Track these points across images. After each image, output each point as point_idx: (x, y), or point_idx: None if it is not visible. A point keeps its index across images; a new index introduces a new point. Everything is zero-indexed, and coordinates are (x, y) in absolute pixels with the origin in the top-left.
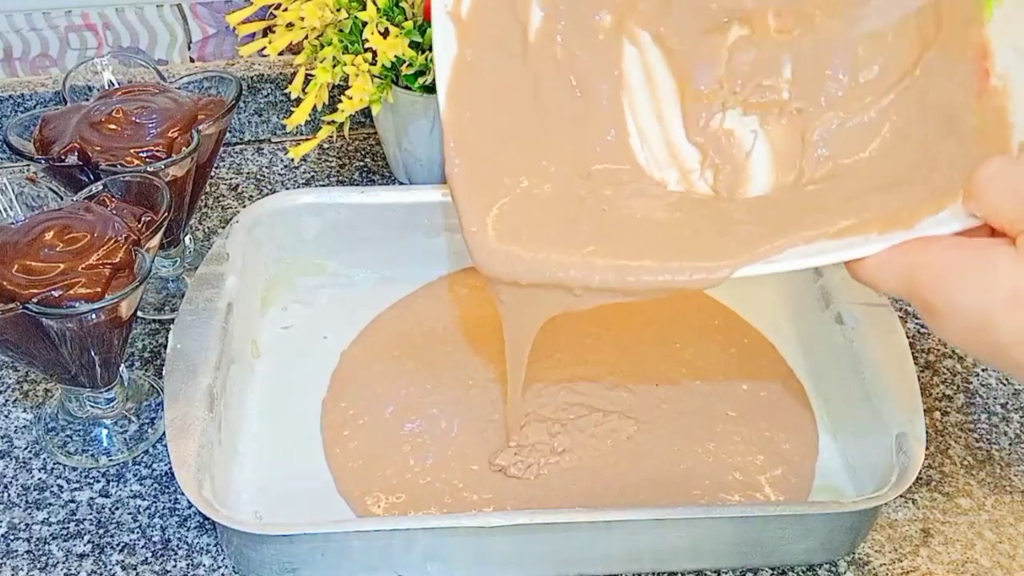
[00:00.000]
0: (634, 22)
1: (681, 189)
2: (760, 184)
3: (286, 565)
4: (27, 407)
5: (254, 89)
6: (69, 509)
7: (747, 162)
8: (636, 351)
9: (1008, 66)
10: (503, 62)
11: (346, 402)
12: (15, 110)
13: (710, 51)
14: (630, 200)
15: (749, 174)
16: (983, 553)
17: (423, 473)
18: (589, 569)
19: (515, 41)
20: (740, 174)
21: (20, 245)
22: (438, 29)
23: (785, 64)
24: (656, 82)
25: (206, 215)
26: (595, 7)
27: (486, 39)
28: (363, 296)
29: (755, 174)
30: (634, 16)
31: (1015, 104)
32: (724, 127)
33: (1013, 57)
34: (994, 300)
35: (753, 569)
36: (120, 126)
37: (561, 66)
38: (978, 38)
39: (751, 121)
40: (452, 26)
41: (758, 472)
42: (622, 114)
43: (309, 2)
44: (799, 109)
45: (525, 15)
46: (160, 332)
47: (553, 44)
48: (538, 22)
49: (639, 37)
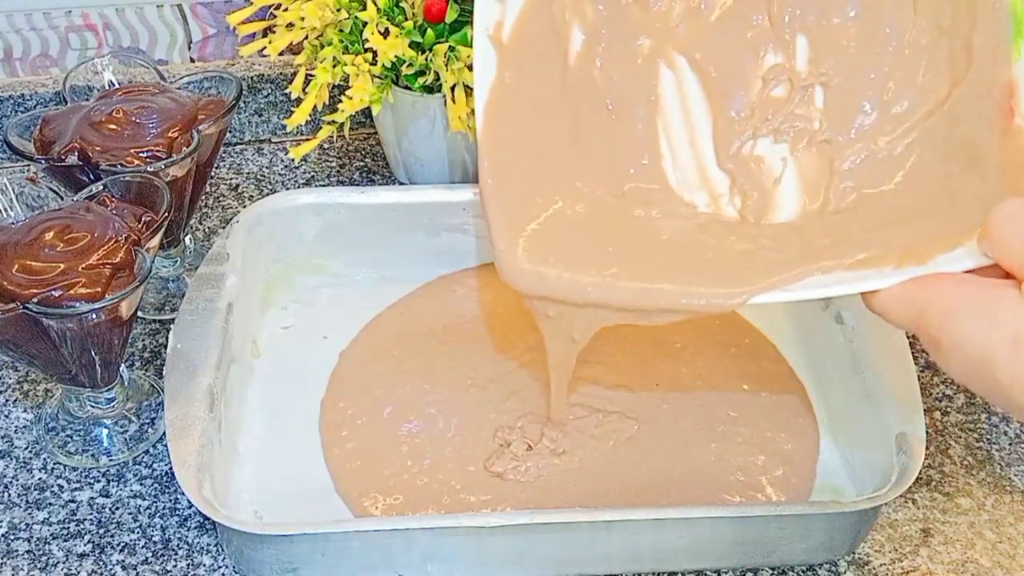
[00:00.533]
0: (672, 47)
1: (710, 211)
2: (787, 211)
3: (286, 565)
4: (27, 407)
5: (254, 89)
6: (69, 509)
7: (775, 189)
8: (637, 351)
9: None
10: (542, 84)
11: (344, 402)
12: (15, 110)
13: (745, 79)
14: (659, 221)
15: (776, 200)
16: (983, 553)
17: (421, 474)
18: (589, 569)
19: (555, 64)
20: (768, 200)
21: (20, 245)
22: (479, 53)
23: (817, 94)
24: (690, 107)
25: (206, 215)
26: (635, 32)
27: (526, 62)
28: (363, 296)
29: (782, 201)
30: (672, 41)
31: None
32: (754, 153)
33: None
34: (996, 341)
35: (753, 569)
36: (120, 126)
37: (599, 89)
38: (1006, 76)
39: (781, 149)
40: (493, 50)
41: (759, 472)
42: (657, 137)
43: (309, 2)
44: (828, 140)
45: (566, 39)
46: (160, 332)
47: (592, 67)
48: (578, 45)
49: (676, 62)
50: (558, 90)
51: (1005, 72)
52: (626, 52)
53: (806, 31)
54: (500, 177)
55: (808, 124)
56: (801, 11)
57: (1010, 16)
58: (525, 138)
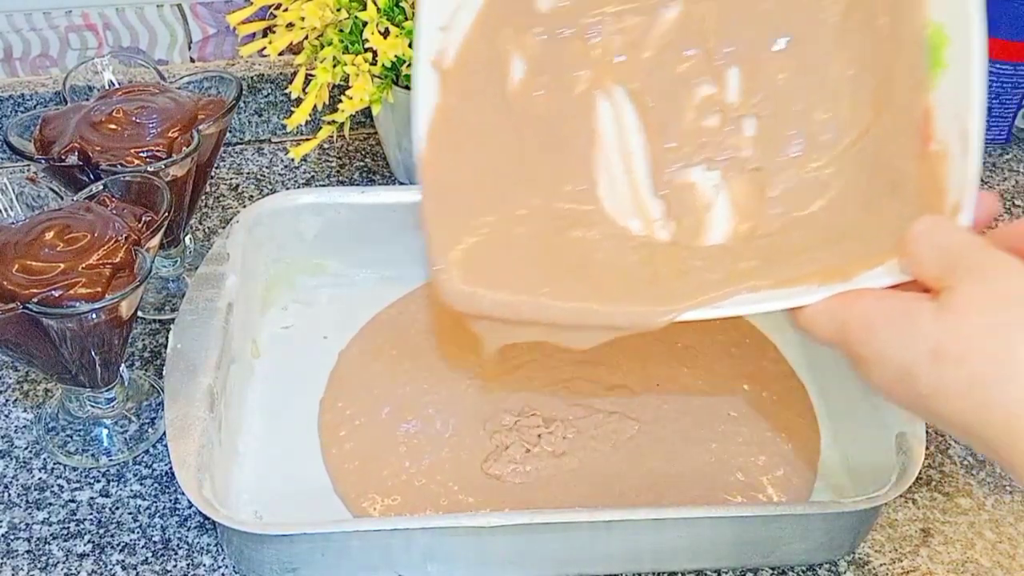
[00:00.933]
0: (610, 79)
1: (644, 235)
2: (718, 233)
3: (286, 565)
4: (27, 407)
5: (254, 89)
6: (69, 509)
7: (707, 214)
8: (637, 351)
9: (947, 130)
10: (484, 111)
11: (343, 402)
12: (15, 110)
13: (679, 109)
14: (594, 243)
15: (708, 224)
16: (983, 553)
17: (419, 475)
18: (589, 569)
19: (497, 91)
20: (700, 224)
21: (20, 245)
22: (421, 79)
23: (749, 124)
24: (627, 136)
25: (206, 215)
26: (575, 63)
27: (469, 89)
28: (363, 296)
29: (714, 224)
30: (611, 73)
31: (950, 168)
32: (688, 180)
33: (952, 122)
34: (915, 353)
35: (753, 569)
36: (120, 126)
37: (539, 117)
38: (924, 103)
39: (714, 176)
40: (435, 76)
41: (760, 473)
42: (594, 165)
43: (309, 2)
44: (759, 167)
45: (508, 68)
46: (160, 332)
47: (533, 97)
48: (520, 75)
49: (614, 93)
50: (500, 117)
51: (923, 100)
52: (566, 83)
53: (739, 63)
54: (440, 198)
55: (739, 152)
56: (734, 45)
57: (927, 47)
58: (466, 162)
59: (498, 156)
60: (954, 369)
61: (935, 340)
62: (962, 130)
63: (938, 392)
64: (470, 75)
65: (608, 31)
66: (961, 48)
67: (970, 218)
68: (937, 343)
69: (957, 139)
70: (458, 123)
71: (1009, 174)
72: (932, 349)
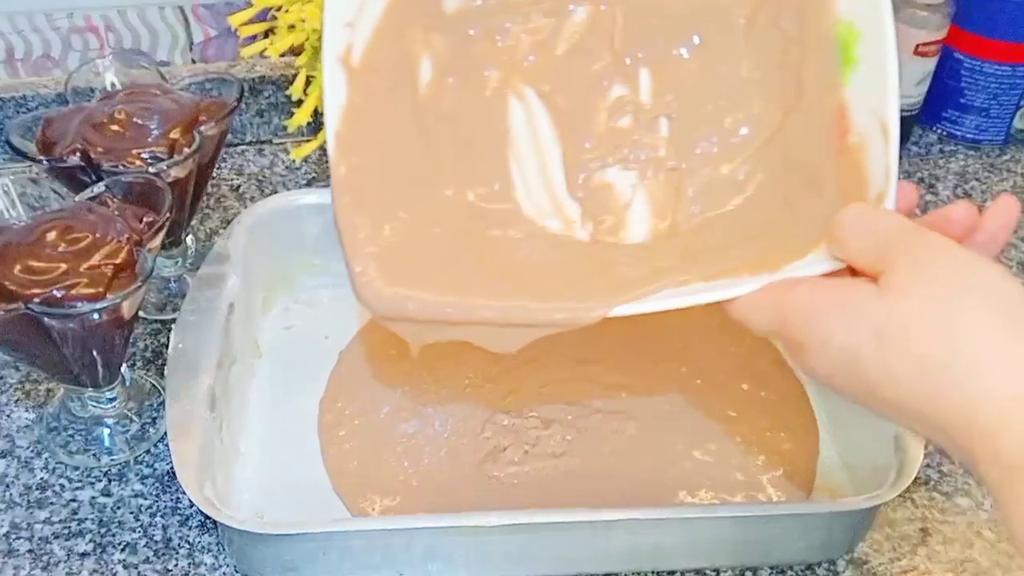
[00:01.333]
0: (520, 79)
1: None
2: (638, 232)
3: (287, 564)
4: (29, 407)
5: (256, 90)
6: (71, 508)
7: (626, 213)
8: (636, 351)
9: (864, 124)
10: (393, 111)
11: (342, 402)
12: (17, 111)
13: (592, 110)
14: (515, 241)
15: (627, 223)
16: (981, 552)
17: (417, 475)
18: (589, 569)
19: (405, 91)
20: (619, 224)
21: (22, 245)
22: (328, 73)
23: (662, 124)
24: (540, 137)
25: (208, 216)
26: (483, 63)
27: (376, 88)
28: None
29: (633, 223)
30: (520, 74)
31: (871, 158)
32: (604, 181)
33: (869, 115)
34: (859, 335)
35: (752, 568)
36: (122, 127)
37: (450, 118)
38: (837, 100)
39: (630, 176)
40: (343, 72)
41: (760, 472)
42: (507, 166)
43: (310, 3)
44: (674, 167)
45: (415, 68)
46: (162, 332)
47: (442, 97)
48: (428, 75)
49: (525, 93)
50: (410, 117)
51: (836, 97)
52: (475, 83)
53: (648, 65)
54: (353, 200)
55: (654, 152)
56: (642, 48)
57: (837, 45)
58: (378, 162)
59: (409, 156)
60: (901, 351)
61: (879, 323)
62: (881, 122)
63: (886, 376)
64: (378, 74)
65: (516, 31)
66: (873, 41)
67: (893, 206)
68: (881, 325)
69: (876, 131)
70: (368, 122)
71: (1008, 174)
72: (877, 332)
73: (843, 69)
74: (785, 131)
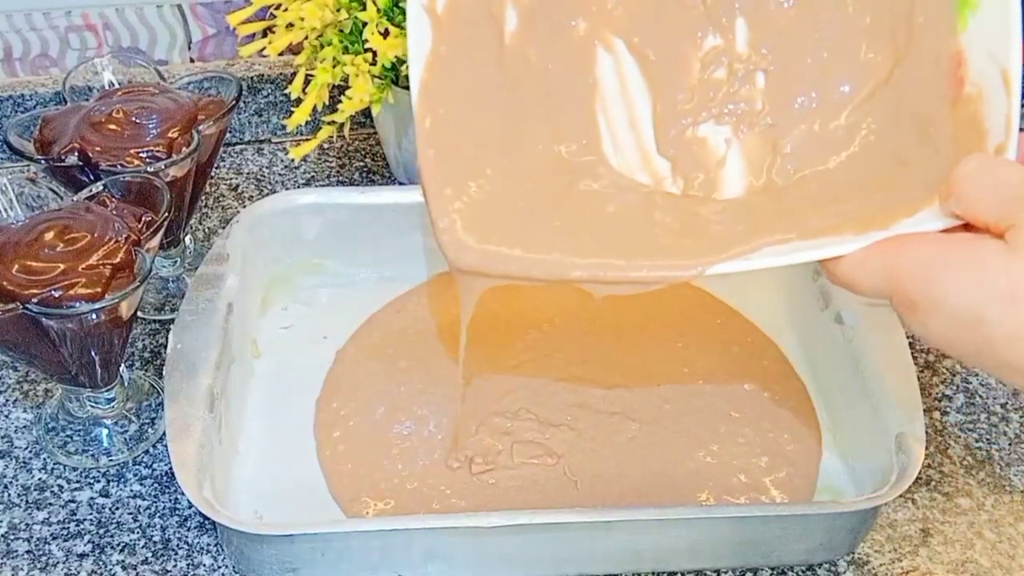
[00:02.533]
0: (609, 30)
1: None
2: (732, 190)
3: (286, 565)
4: (27, 407)
5: (254, 89)
6: (69, 509)
7: (719, 170)
8: (637, 350)
9: (983, 72)
10: (478, 61)
11: (338, 402)
12: (15, 110)
13: (684, 62)
14: (604, 194)
15: (721, 181)
16: (983, 553)
17: (411, 478)
18: (589, 569)
19: (490, 41)
20: (712, 181)
21: (20, 245)
22: (412, 22)
23: (758, 76)
24: (630, 90)
25: (206, 215)
26: (570, 13)
27: (461, 38)
28: (363, 296)
29: (727, 181)
30: (609, 24)
31: (989, 109)
32: (697, 136)
33: (987, 63)
34: (986, 295)
35: (753, 569)
36: (120, 126)
37: (535, 69)
38: (952, 47)
39: (724, 130)
40: (427, 20)
41: (763, 474)
42: (595, 119)
43: (309, 2)
44: (771, 122)
45: (500, 17)
46: (160, 332)
47: (528, 47)
48: (513, 25)
49: (614, 45)
50: (495, 68)
51: (951, 43)
52: (562, 34)
53: (744, 15)
54: (437, 153)
55: (750, 106)
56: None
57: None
58: (463, 115)
59: (494, 108)
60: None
61: (1008, 281)
62: (1002, 70)
63: (1014, 336)
64: (462, 23)
65: None
66: None
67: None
68: (1011, 284)
69: (996, 79)
70: (452, 73)
71: None
72: (1006, 291)
73: (960, 12)
74: (894, 81)
